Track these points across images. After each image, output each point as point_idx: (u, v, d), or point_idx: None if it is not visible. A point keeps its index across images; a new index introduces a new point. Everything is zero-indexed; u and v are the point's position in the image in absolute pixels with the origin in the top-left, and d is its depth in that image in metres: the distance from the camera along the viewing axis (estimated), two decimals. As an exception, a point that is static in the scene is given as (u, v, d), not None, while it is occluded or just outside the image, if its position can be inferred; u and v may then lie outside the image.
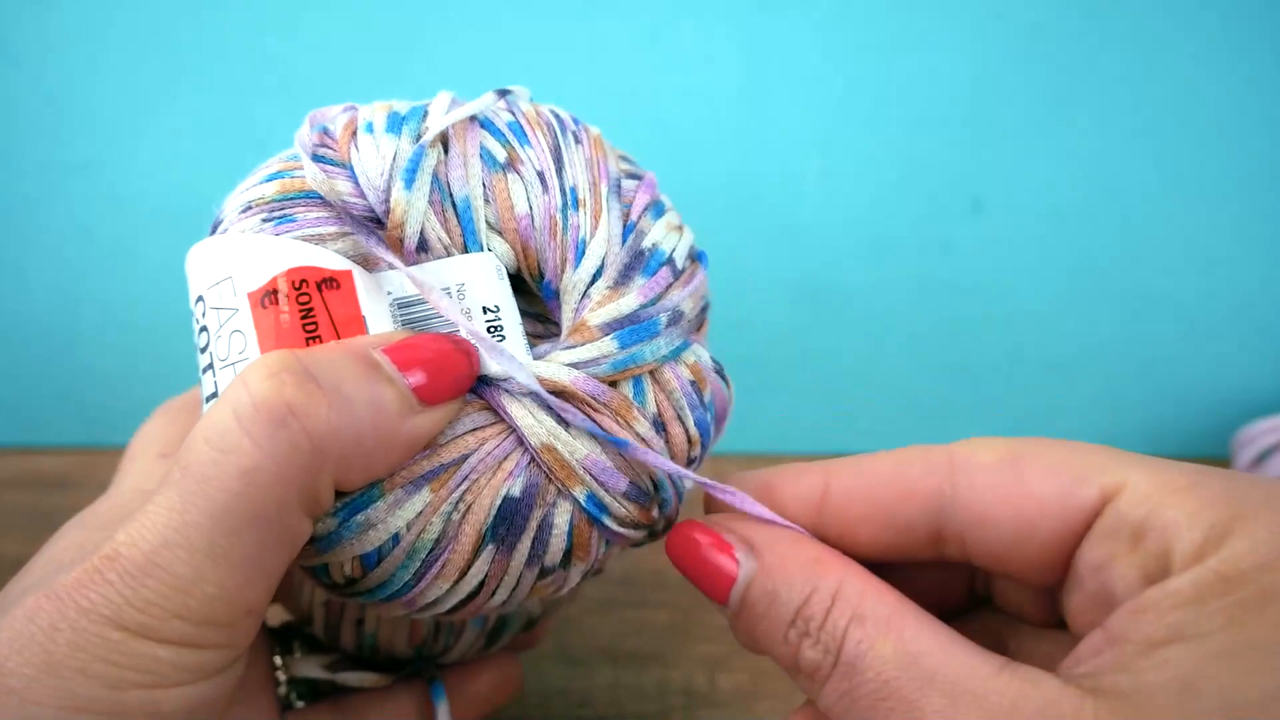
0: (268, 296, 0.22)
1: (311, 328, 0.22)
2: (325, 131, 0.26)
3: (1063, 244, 0.52)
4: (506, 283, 0.24)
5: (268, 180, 0.25)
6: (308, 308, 0.22)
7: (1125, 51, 0.48)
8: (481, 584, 0.23)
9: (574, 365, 0.23)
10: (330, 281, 0.22)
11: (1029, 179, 0.51)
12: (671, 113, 0.49)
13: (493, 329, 0.23)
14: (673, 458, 0.24)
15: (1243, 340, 0.53)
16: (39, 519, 0.46)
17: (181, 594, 0.18)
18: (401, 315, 0.23)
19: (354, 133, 0.25)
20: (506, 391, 0.23)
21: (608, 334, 0.23)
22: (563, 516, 0.23)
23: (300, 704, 0.29)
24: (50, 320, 0.52)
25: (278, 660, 0.29)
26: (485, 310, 0.23)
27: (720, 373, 0.26)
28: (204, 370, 0.23)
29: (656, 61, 0.49)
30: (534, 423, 0.22)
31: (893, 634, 0.18)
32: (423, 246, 0.23)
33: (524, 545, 0.22)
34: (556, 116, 0.27)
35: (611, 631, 0.42)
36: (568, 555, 0.23)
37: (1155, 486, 0.18)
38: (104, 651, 0.17)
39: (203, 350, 0.23)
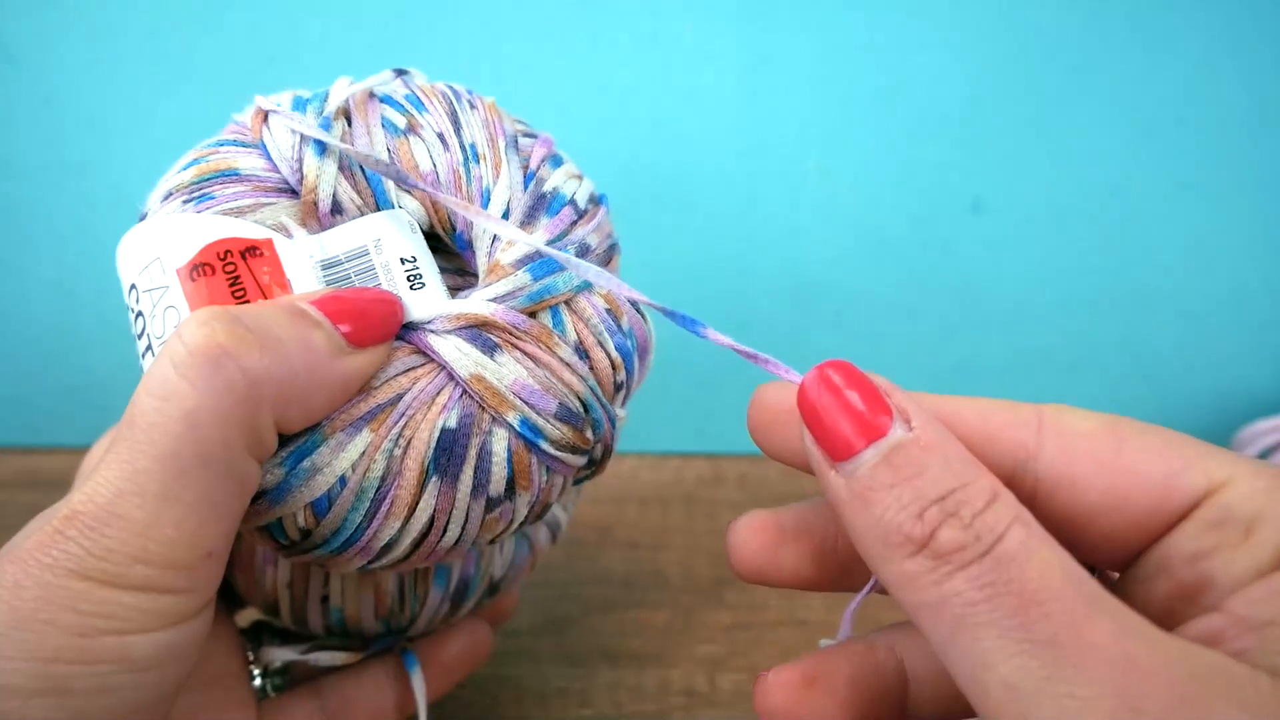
0: (195, 269, 0.23)
1: (240, 293, 0.23)
2: (235, 123, 0.28)
3: (1063, 244, 0.52)
4: (420, 235, 0.26)
5: (185, 168, 0.26)
6: (234, 275, 0.23)
7: (1125, 51, 0.48)
8: (431, 520, 0.24)
9: (493, 300, 0.24)
10: (253, 250, 0.24)
11: (1029, 179, 0.51)
12: (671, 113, 0.49)
13: (412, 278, 0.25)
14: (599, 383, 0.26)
15: (1243, 340, 0.53)
16: (39, 519, 0.46)
17: (140, 539, 0.18)
18: (325, 276, 0.24)
19: (265, 116, 0.27)
20: (432, 332, 0.24)
21: (520, 269, 0.25)
22: (500, 443, 0.24)
23: (275, 695, 0.30)
24: (50, 320, 0.52)
25: (250, 655, 0.29)
26: (403, 261, 0.25)
27: (637, 308, 0.27)
28: (143, 355, 0.24)
29: (656, 61, 0.49)
30: (460, 355, 0.23)
31: (1059, 552, 0.17)
32: (337, 210, 0.25)
33: (466, 475, 0.23)
34: (451, 89, 0.29)
35: (611, 631, 0.42)
36: (510, 484, 0.24)
37: (1264, 482, 0.18)
38: (70, 601, 0.18)
39: (140, 335, 0.24)
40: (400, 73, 0.29)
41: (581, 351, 0.25)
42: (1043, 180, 0.51)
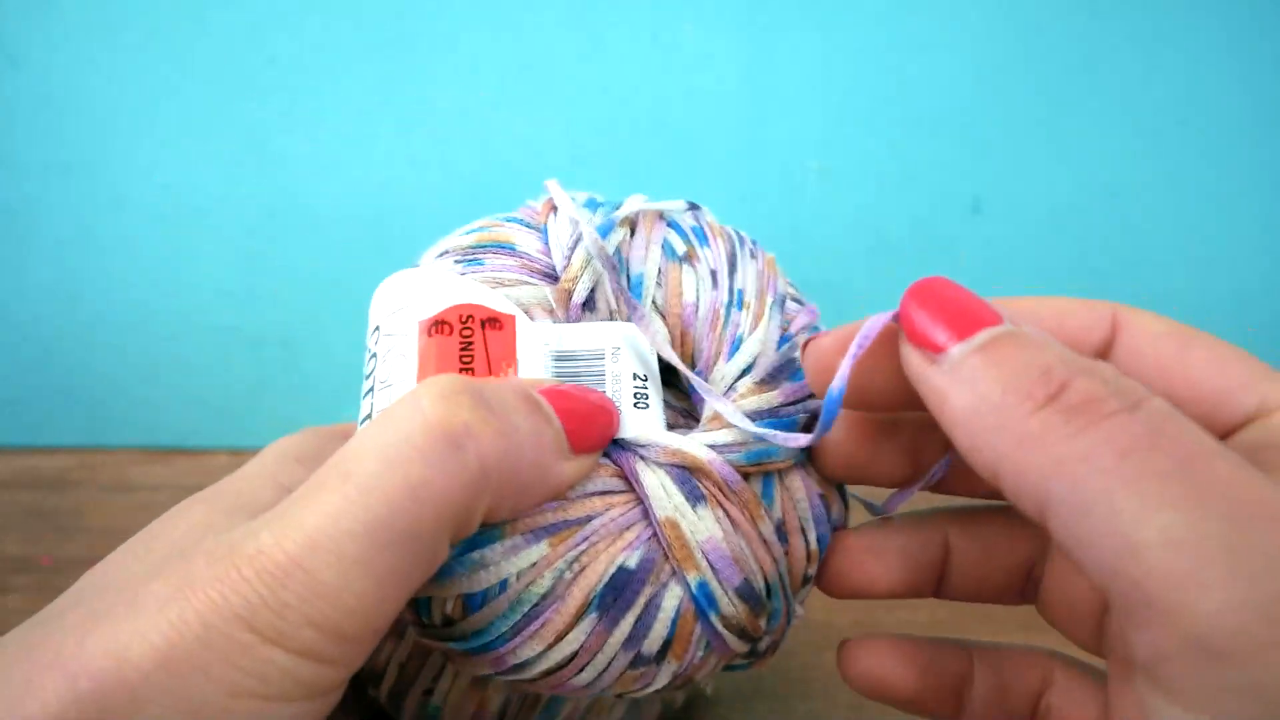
0: (435, 325, 0.23)
1: (468, 359, 0.23)
2: (528, 206, 0.28)
3: (1063, 244, 0.52)
4: (656, 358, 0.25)
5: (468, 233, 0.27)
6: (468, 341, 0.23)
7: (1125, 51, 0.48)
8: (574, 655, 0.22)
9: (712, 447, 0.23)
10: (494, 321, 0.24)
11: (1029, 179, 0.51)
12: (671, 113, 0.49)
13: (639, 396, 0.24)
14: (790, 570, 0.24)
15: (1243, 340, 0.53)
16: (39, 519, 0.46)
17: (320, 600, 0.17)
18: (555, 367, 0.24)
19: (554, 206, 0.27)
20: (643, 459, 0.23)
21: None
22: (671, 600, 0.22)
23: None
24: (50, 320, 0.52)
25: None
26: (635, 377, 0.24)
27: (842, 492, 0.26)
28: (365, 395, 0.24)
29: (656, 61, 0.49)
30: (663, 494, 0.22)
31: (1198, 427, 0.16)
32: (589, 306, 0.25)
33: (627, 622, 0.22)
34: (738, 234, 0.29)
35: None
36: (666, 646, 0.23)
37: None
38: (231, 654, 0.17)
39: (368, 376, 0.24)
40: (694, 206, 0.29)
41: (782, 532, 0.24)
42: (1043, 180, 0.51)
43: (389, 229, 0.50)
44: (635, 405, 0.24)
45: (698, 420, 0.25)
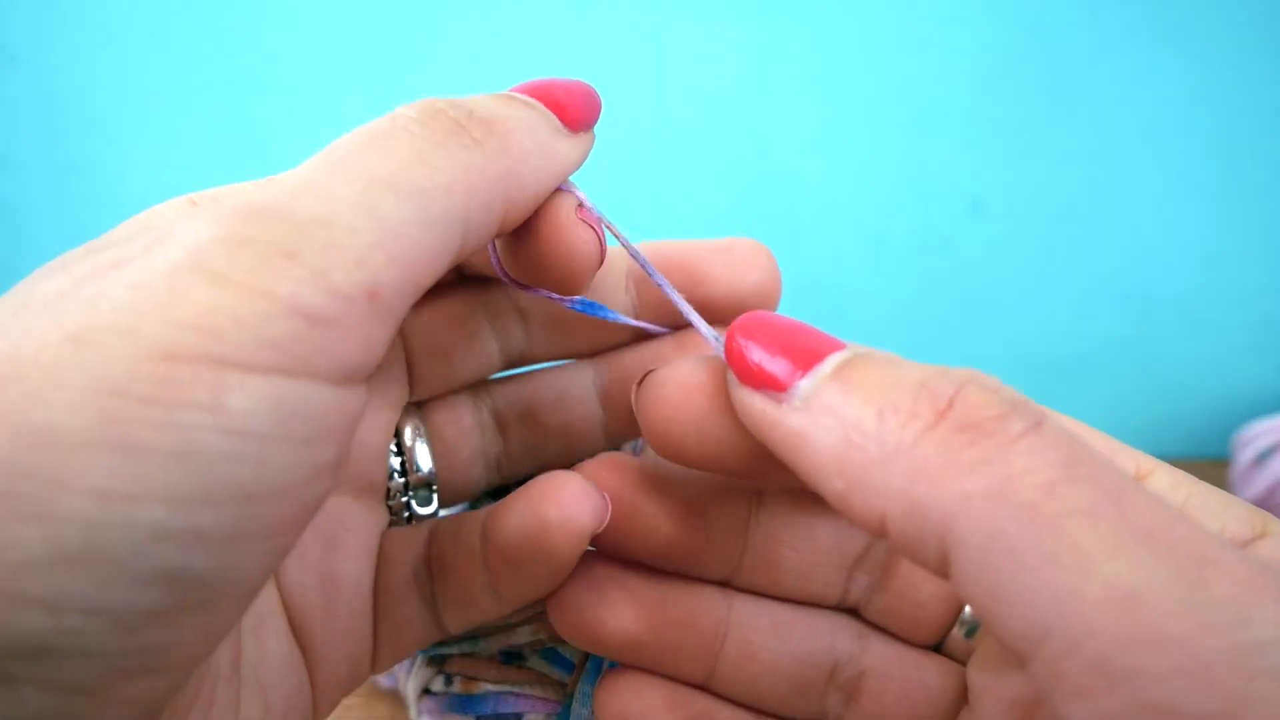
0: None
1: None
2: None
3: (1063, 244, 0.52)
4: None
5: None
6: None
7: (1125, 51, 0.48)
8: None
9: None
10: None
11: (1029, 179, 0.51)
12: (671, 113, 0.49)
13: None
14: None
15: (1243, 340, 0.53)
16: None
17: (297, 233, 0.14)
18: None
19: None
20: None
21: None
22: None
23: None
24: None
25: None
26: None
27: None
28: None
29: (656, 61, 0.49)
30: None
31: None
32: None
33: None
34: None
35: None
36: None
37: (1180, 478, 0.17)
38: (161, 300, 0.13)
39: None
40: None
41: None
42: (1043, 180, 0.51)
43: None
44: None
45: None
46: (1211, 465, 0.52)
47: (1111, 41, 0.48)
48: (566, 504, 0.19)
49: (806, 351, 0.16)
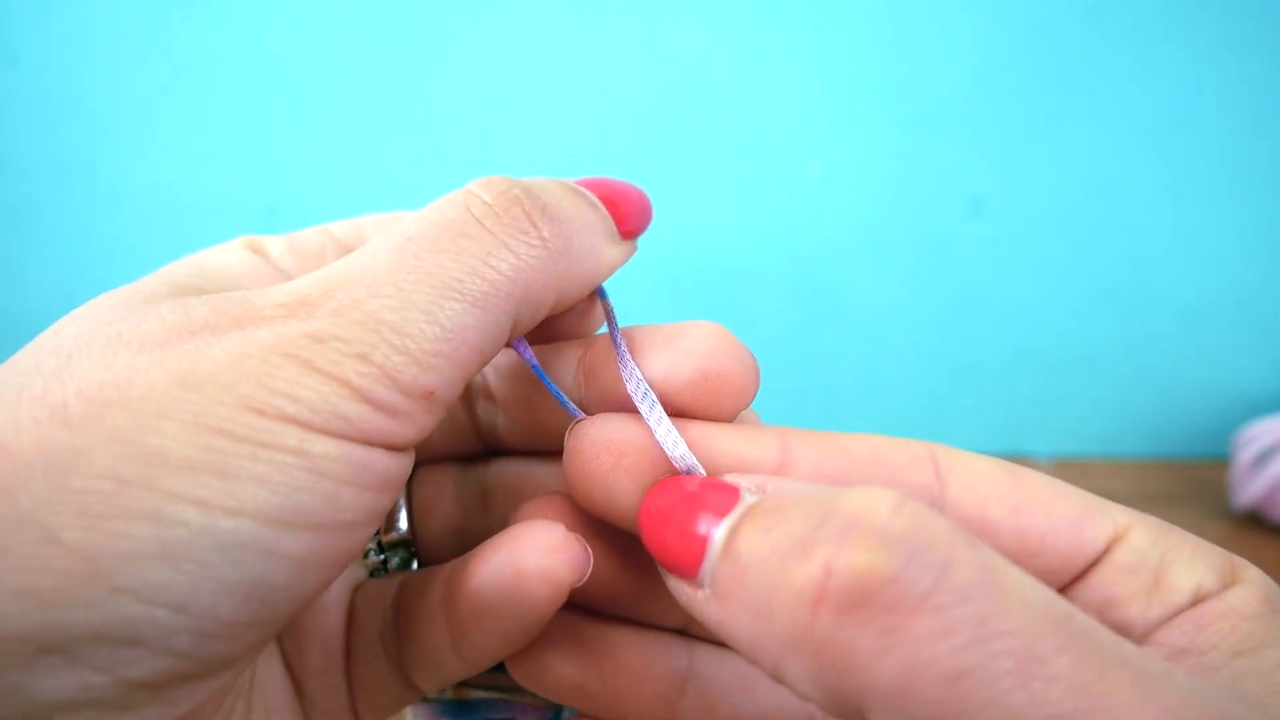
0: None
1: None
2: None
3: (1063, 244, 0.52)
4: None
5: None
6: None
7: (1126, 51, 0.48)
8: None
9: None
10: None
11: (1029, 179, 0.51)
12: (671, 113, 0.49)
13: None
14: None
15: (1243, 340, 0.53)
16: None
17: (371, 333, 0.15)
18: None
19: None
20: None
21: None
22: None
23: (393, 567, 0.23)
24: (49, 319, 0.51)
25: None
26: None
27: None
28: None
29: (656, 61, 0.49)
30: None
31: (1016, 570, 0.13)
32: None
33: None
34: None
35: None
36: None
37: (1163, 530, 0.17)
38: (258, 372, 0.15)
39: None
40: None
41: None
42: (1043, 180, 0.51)
43: (389, 229, 0.50)
44: None
45: None
46: (1211, 465, 0.52)
47: (1111, 41, 0.48)
48: (546, 553, 0.18)
49: (695, 530, 0.15)
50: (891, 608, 0.12)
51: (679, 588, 0.15)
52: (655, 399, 0.18)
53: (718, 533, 0.15)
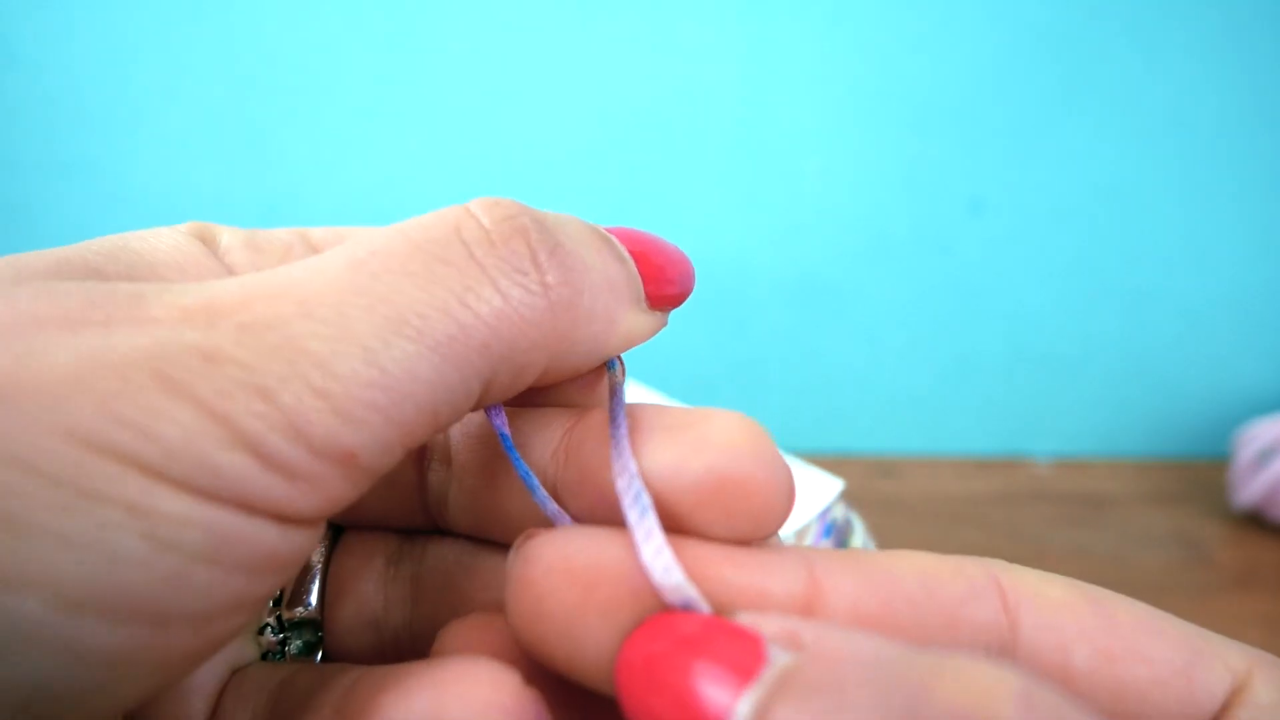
0: None
1: None
2: None
3: (1063, 244, 0.52)
4: None
5: None
6: None
7: (1125, 51, 0.48)
8: None
9: None
10: None
11: (1029, 179, 0.51)
12: (671, 111, 0.49)
13: None
14: None
15: (1243, 339, 0.53)
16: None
17: (286, 366, 0.12)
18: None
19: None
20: None
21: None
22: None
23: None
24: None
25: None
26: None
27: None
28: None
29: (657, 61, 0.49)
30: None
31: None
32: None
33: None
34: None
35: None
36: None
37: (1277, 671, 0.13)
38: (115, 392, 0.11)
39: None
40: None
41: None
42: (1043, 180, 0.51)
43: (389, 229, 0.50)
44: None
45: None
46: (1211, 465, 0.52)
47: (1112, 42, 0.48)
48: (484, 711, 0.12)
49: (707, 693, 0.11)
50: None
51: None
52: (650, 504, 0.13)
53: (741, 709, 0.10)
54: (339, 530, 0.18)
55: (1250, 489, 0.47)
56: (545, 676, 0.13)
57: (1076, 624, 0.13)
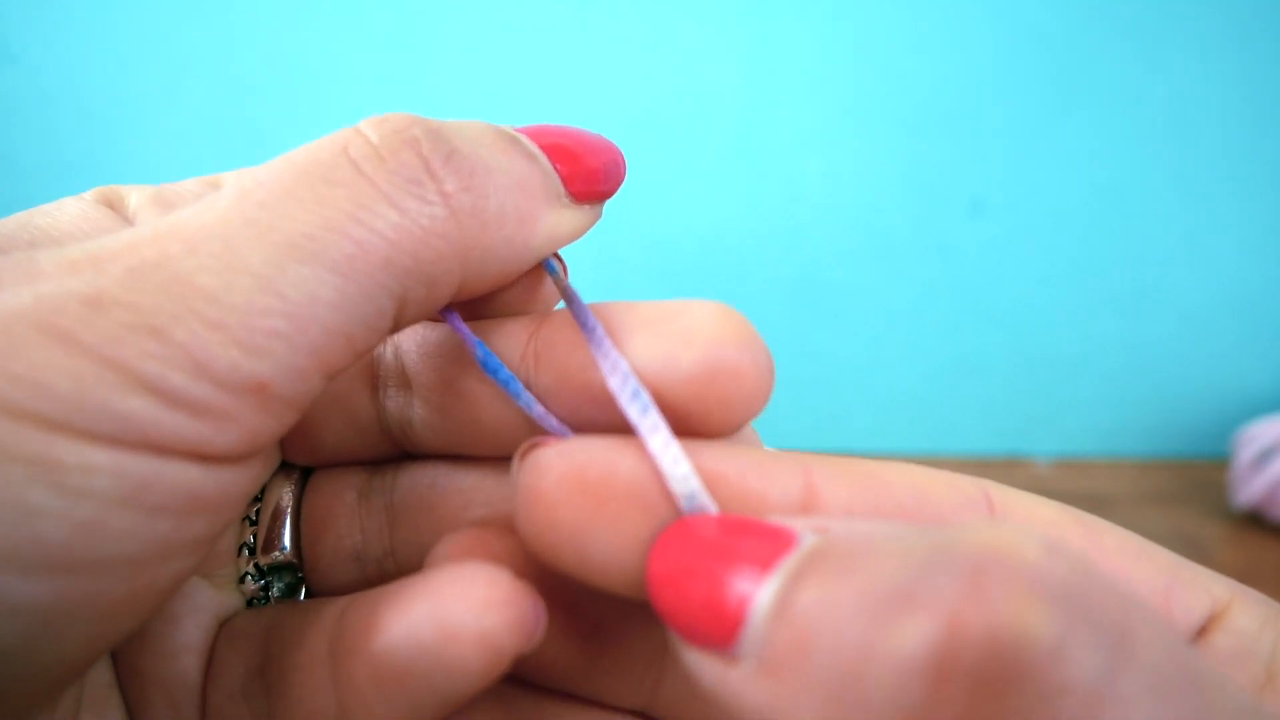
0: None
1: None
2: None
3: (1063, 244, 0.52)
4: None
5: None
6: None
7: (1125, 51, 0.48)
8: None
9: None
10: None
11: (1029, 179, 0.51)
12: (671, 111, 0.49)
13: None
14: None
15: (1243, 340, 0.53)
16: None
17: (178, 302, 0.12)
18: None
19: None
20: None
21: None
22: None
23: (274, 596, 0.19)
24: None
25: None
26: None
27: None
28: None
29: (656, 61, 0.49)
30: None
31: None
32: None
33: None
34: None
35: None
36: None
37: (1261, 610, 0.13)
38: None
39: None
40: None
41: None
42: (1043, 180, 0.51)
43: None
44: None
45: None
46: (1211, 465, 0.52)
47: (1112, 42, 0.48)
48: (484, 610, 0.12)
49: (735, 583, 0.11)
50: (1051, 695, 0.09)
51: (702, 664, 0.11)
52: (649, 400, 0.13)
53: (765, 590, 0.10)
54: (308, 473, 0.18)
55: (1250, 489, 0.47)
56: (536, 573, 0.13)
57: (1062, 539, 0.13)
